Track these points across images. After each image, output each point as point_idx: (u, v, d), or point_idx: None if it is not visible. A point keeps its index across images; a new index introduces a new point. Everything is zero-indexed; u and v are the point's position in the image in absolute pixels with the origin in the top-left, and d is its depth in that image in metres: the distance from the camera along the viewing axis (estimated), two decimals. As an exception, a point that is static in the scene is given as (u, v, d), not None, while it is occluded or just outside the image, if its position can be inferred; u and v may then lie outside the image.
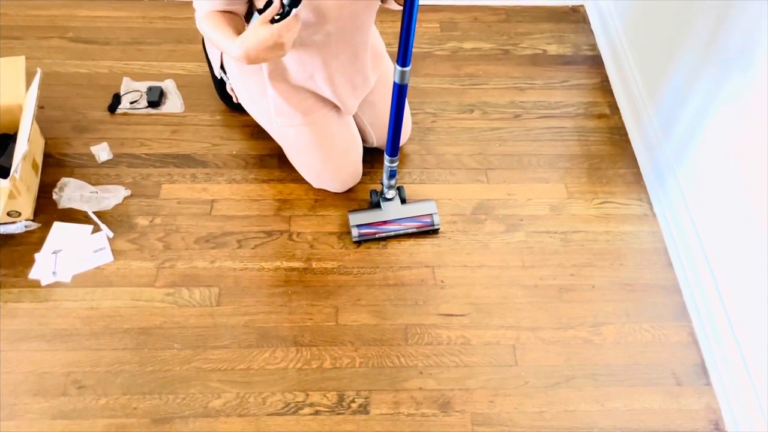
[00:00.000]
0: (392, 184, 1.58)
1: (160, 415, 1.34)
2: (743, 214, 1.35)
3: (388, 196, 1.61)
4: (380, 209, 1.61)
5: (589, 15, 2.16)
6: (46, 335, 1.43)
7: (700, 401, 1.40)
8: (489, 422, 1.36)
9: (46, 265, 1.53)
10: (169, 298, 1.50)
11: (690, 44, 1.55)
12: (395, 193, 1.62)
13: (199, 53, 1.94)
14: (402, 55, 1.27)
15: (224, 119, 1.83)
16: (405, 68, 1.30)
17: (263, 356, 1.42)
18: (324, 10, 1.33)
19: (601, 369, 1.43)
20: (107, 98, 1.85)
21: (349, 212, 1.61)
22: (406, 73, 1.31)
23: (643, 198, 1.72)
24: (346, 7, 1.36)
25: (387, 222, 1.60)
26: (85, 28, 2.02)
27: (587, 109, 1.91)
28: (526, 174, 1.75)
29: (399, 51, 1.27)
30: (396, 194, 1.62)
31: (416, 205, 1.62)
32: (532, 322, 1.49)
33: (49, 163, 1.71)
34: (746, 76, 1.34)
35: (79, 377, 1.38)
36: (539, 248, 1.61)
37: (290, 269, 1.56)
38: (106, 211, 1.63)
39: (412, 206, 1.62)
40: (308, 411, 1.36)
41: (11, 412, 1.33)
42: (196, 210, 1.64)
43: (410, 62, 1.29)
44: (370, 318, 1.49)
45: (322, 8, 1.33)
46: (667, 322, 1.51)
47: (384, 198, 1.61)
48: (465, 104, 1.90)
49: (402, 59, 1.28)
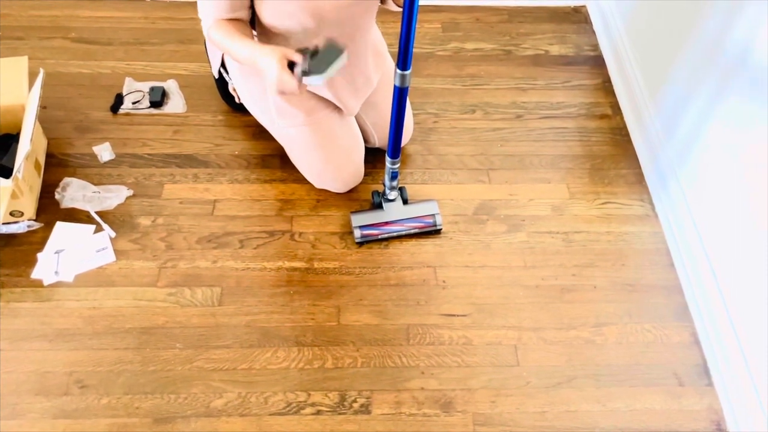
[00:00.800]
0: (394, 185, 1.58)
1: (162, 414, 1.34)
2: (745, 214, 1.35)
3: (390, 197, 1.61)
4: (382, 210, 1.61)
5: (591, 15, 2.16)
6: (48, 335, 1.43)
7: (702, 402, 1.40)
8: (490, 422, 1.36)
9: (48, 265, 1.53)
10: (171, 297, 1.50)
11: (692, 44, 1.55)
12: (397, 194, 1.62)
13: (201, 54, 1.94)
14: (402, 58, 1.26)
15: (226, 119, 1.83)
16: (405, 72, 1.29)
17: (265, 356, 1.43)
18: (322, 13, 1.33)
19: (602, 369, 1.43)
20: (110, 98, 1.85)
21: (351, 213, 1.61)
22: (407, 77, 1.30)
23: (644, 198, 1.72)
24: (345, 10, 1.36)
25: (389, 223, 1.60)
26: (87, 29, 2.02)
27: (589, 110, 1.91)
28: (527, 174, 1.75)
29: (399, 55, 1.26)
30: (398, 195, 1.62)
31: (418, 206, 1.62)
32: (534, 322, 1.50)
33: (51, 163, 1.71)
34: (748, 77, 1.34)
35: (81, 377, 1.38)
36: (541, 248, 1.61)
37: (292, 269, 1.56)
38: (108, 211, 1.63)
39: (414, 207, 1.62)
40: (310, 411, 1.36)
41: (13, 411, 1.34)
42: (198, 210, 1.64)
43: (410, 66, 1.28)
44: (372, 318, 1.49)
45: (320, 11, 1.33)
46: (668, 322, 1.51)
47: (386, 199, 1.61)
48: (467, 105, 1.90)
49: (402, 63, 1.27)
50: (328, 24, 1.36)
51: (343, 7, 1.35)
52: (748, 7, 1.34)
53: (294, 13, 1.32)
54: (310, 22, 1.33)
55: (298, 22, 1.34)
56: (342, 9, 1.35)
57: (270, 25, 1.36)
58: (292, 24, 1.35)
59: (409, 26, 1.20)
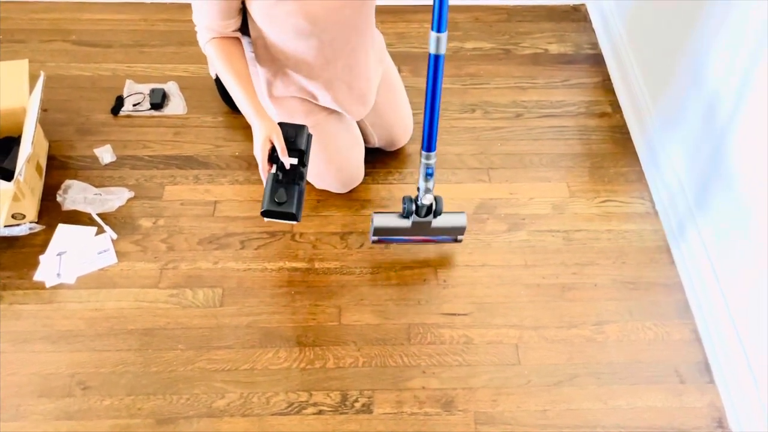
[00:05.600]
0: (429, 188, 1.40)
1: (165, 415, 1.35)
2: (745, 211, 1.35)
3: (425, 201, 1.42)
4: (408, 223, 1.47)
5: (590, 14, 2.16)
6: (50, 336, 1.44)
7: (703, 399, 1.40)
8: (492, 421, 1.36)
9: (50, 267, 1.54)
10: (172, 299, 1.50)
11: (692, 42, 1.55)
12: (431, 200, 1.43)
13: (201, 56, 1.94)
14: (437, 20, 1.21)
15: (227, 121, 1.83)
16: (441, 34, 1.23)
17: (267, 356, 1.43)
18: (315, 15, 1.33)
19: (603, 367, 1.43)
20: (110, 101, 1.86)
21: (374, 213, 1.51)
22: (442, 41, 1.24)
23: (645, 196, 1.72)
24: (337, 12, 1.35)
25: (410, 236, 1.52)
26: (87, 31, 2.03)
27: (589, 108, 1.91)
28: (527, 173, 1.75)
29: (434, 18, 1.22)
30: (430, 210, 1.45)
31: (447, 218, 1.50)
32: (535, 320, 1.50)
33: (53, 165, 1.72)
34: (750, 75, 1.34)
35: (83, 378, 1.39)
36: (541, 247, 1.61)
37: (293, 269, 1.56)
38: (109, 212, 1.63)
39: (443, 219, 1.49)
40: (312, 411, 1.36)
41: (16, 413, 1.34)
42: (199, 211, 1.65)
43: (445, 28, 1.22)
44: (373, 318, 1.49)
45: (312, 14, 1.32)
46: (669, 320, 1.51)
47: (419, 205, 1.44)
48: (466, 104, 1.91)
49: (437, 24, 1.22)
50: (323, 27, 1.36)
51: (335, 9, 1.35)
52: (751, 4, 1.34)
53: (286, 16, 1.32)
54: (304, 24, 1.33)
55: (292, 26, 1.34)
56: (334, 11, 1.35)
57: (264, 30, 1.36)
58: (286, 28, 1.35)
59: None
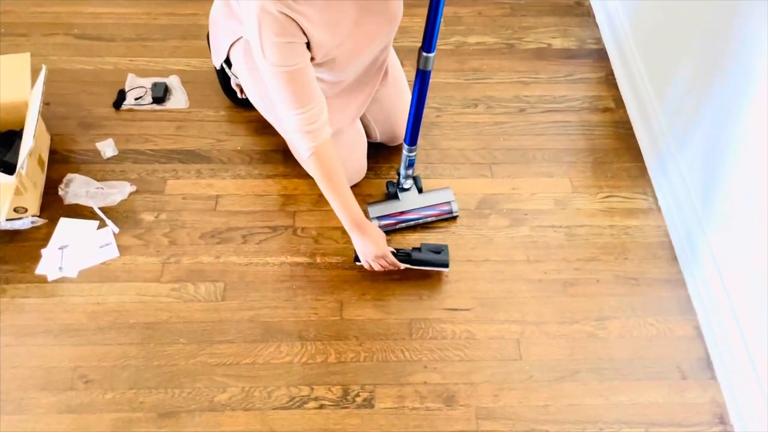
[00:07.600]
0: (409, 174, 1.59)
1: (166, 409, 1.35)
2: (748, 205, 1.35)
3: (405, 186, 1.61)
4: (398, 200, 1.61)
5: (594, 8, 2.15)
6: (52, 330, 1.44)
7: (705, 395, 1.40)
8: (493, 416, 1.36)
9: (52, 261, 1.54)
10: (174, 293, 1.50)
11: (696, 37, 1.55)
12: (412, 183, 1.62)
13: (203, 49, 1.94)
14: (427, 41, 1.28)
15: (229, 115, 1.83)
16: (429, 54, 1.31)
17: (268, 351, 1.43)
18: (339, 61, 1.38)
19: (605, 363, 1.43)
20: (112, 94, 1.85)
21: (368, 204, 1.62)
22: (430, 60, 1.32)
23: (647, 192, 1.71)
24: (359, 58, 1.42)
25: (406, 212, 1.60)
26: (90, 25, 2.03)
27: (592, 103, 1.91)
28: (530, 168, 1.75)
29: (424, 37, 1.28)
30: (412, 184, 1.63)
31: (433, 194, 1.63)
32: (537, 316, 1.50)
33: (54, 159, 1.72)
34: (756, 69, 1.34)
35: (85, 372, 1.39)
36: (544, 242, 1.61)
37: (295, 264, 1.56)
38: (111, 206, 1.63)
39: (430, 195, 1.63)
40: (313, 405, 1.37)
41: (19, 406, 1.35)
42: (201, 205, 1.65)
43: (435, 48, 1.30)
44: (375, 312, 1.49)
45: (338, 60, 1.37)
46: (672, 316, 1.51)
47: (401, 188, 1.62)
48: (469, 99, 1.90)
49: (427, 46, 1.29)
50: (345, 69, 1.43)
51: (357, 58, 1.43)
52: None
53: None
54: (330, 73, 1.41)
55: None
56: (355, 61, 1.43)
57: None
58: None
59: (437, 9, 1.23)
